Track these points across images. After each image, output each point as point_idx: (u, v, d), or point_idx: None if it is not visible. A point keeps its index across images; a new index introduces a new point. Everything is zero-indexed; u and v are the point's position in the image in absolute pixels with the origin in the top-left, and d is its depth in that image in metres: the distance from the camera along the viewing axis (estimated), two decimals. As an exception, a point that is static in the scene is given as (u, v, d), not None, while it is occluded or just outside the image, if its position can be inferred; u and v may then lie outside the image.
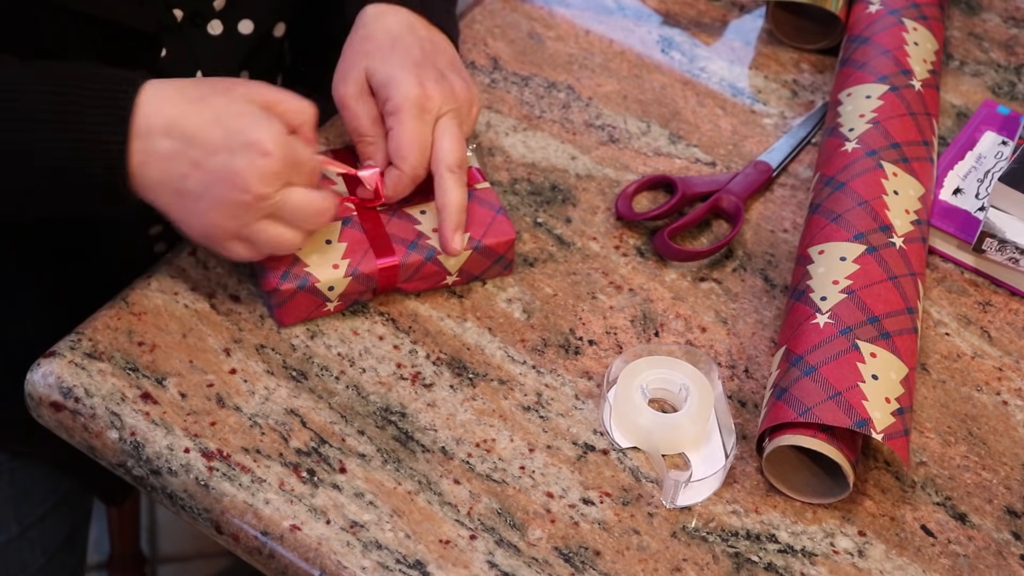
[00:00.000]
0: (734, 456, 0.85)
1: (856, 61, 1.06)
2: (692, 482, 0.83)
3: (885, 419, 0.83)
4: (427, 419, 0.86)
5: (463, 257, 0.90)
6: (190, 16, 0.95)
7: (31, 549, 1.13)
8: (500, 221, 0.92)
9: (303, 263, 0.87)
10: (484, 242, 0.91)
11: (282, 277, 0.87)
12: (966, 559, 0.83)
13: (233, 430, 0.84)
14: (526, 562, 0.80)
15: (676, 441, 0.86)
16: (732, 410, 0.88)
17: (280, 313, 0.89)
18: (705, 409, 0.86)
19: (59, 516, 1.15)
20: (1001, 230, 0.96)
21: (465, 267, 0.91)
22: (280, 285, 0.87)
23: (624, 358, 0.88)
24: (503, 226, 0.92)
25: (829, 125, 1.03)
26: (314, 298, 0.88)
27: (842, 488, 0.83)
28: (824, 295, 0.88)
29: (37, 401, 0.86)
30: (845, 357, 0.84)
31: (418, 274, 0.90)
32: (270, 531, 0.81)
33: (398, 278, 0.90)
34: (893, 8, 1.09)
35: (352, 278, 0.88)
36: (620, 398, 0.86)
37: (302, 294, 0.87)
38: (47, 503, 1.14)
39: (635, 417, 0.86)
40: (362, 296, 0.90)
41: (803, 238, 0.95)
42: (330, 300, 0.89)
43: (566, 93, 1.08)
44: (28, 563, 1.13)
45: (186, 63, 0.97)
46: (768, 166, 1.02)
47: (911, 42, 1.06)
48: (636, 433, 0.86)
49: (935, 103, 1.04)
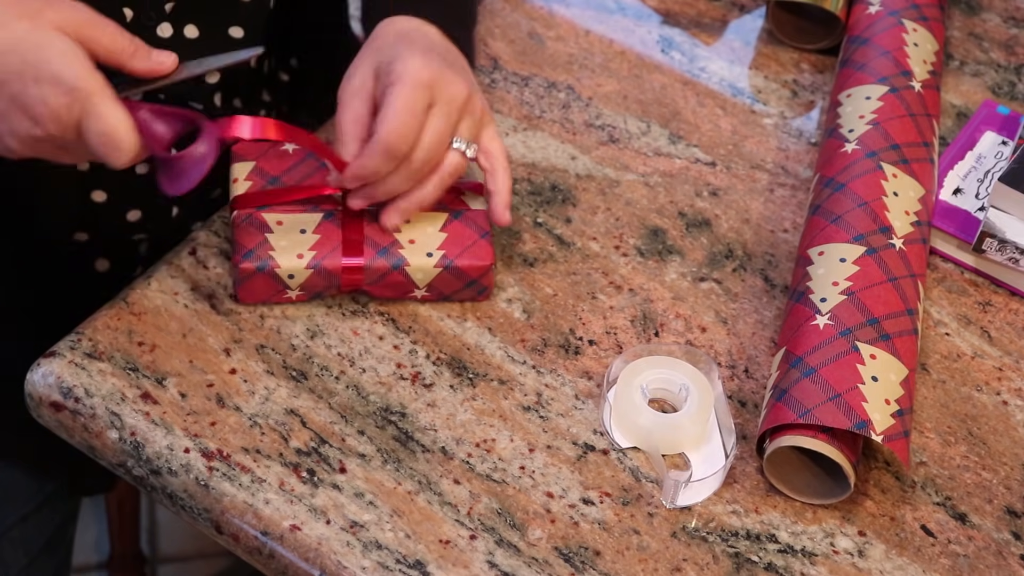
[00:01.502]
0: (734, 456, 0.85)
1: (856, 62, 1.06)
2: (692, 482, 0.83)
3: (885, 421, 0.83)
4: (427, 419, 0.86)
5: (432, 273, 0.90)
6: (139, 17, 0.93)
7: (13, 550, 1.12)
8: (481, 245, 0.90)
9: (270, 246, 0.88)
10: (456, 263, 0.90)
11: (246, 255, 0.87)
12: (966, 559, 0.83)
13: (233, 430, 0.84)
14: (526, 562, 0.80)
15: (676, 441, 0.86)
16: (732, 410, 0.88)
17: (240, 291, 0.89)
18: (705, 409, 0.86)
19: (42, 517, 1.15)
20: (1001, 230, 0.96)
21: (435, 284, 0.90)
22: (241, 263, 0.87)
23: (624, 358, 0.88)
24: (482, 251, 0.90)
25: (829, 126, 1.03)
26: (273, 283, 0.88)
27: (843, 489, 0.83)
28: (824, 296, 0.88)
29: (37, 401, 0.86)
30: (845, 359, 0.84)
31: (383, 280, 0.90)
32: (270, 531, 0.81)
33: (363, 280, 0.90)
34: (893, 9, 1.09)
35: (313, 271, 0.88)
36: (620, 398, 0.86)
37: (261, 276, 0.88)
38: (29, 504, 1.13)
39: (635, 417, 0.86)
40: (327, 291, 0.90)
41: (803, 239, 0.95)
42: (291, 288, 0.89)
43: (566, 93, 1.08)
44: (10, 563, 1.12)
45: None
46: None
47: (911, 43, 1.06)
48: (636, 433, 0.86)
49: (935, 104, 1.04)
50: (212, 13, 0.98)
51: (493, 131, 0.92)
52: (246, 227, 0.89)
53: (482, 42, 1.11)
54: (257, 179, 0.92)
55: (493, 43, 1.11)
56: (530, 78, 1.09)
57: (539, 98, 1.08)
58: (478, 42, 1.11)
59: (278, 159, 0.93)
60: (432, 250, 0.90)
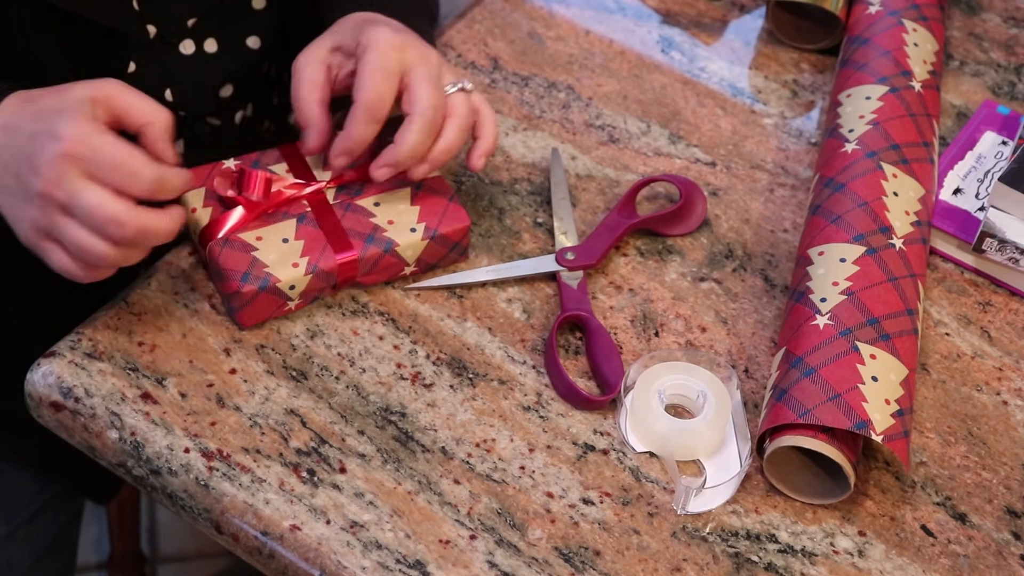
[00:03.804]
0: (748, 464, 0.85)
1: (856, 62, 1.06)
2: (706, 489, 0.83)
3: (885, 420, 0.83)
4: (427, 419, 0.86)
5: (420, 247, 0.91)
6: (162, 34, 0.94)
7: (19, 549, 1.13)
8: (454, 209, 0.92)
9: (262, 263, 0.87)
10: (440, 230, 0.91)
11: (243, 279, 0.86)
12: (966, 559, 0.83)
13: (233, 430, 0.84)
14: (526, 562, 0.80)
15: (691, 447, 0.85)
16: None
17: (242, 316, 0.88)
18: (722, 416, 0.86)
19: (47, 517, 1.15)
20: (1001, 230, 0.96)
21: (423, 256, 0.92)
22: (242, 288, 0.86)
23: (642, 363, 0.88)
24: (457, 214, 0.92)
25: (829, 126, 1.03)
26: (276, 298, 0.88)
27: (843, 489, 0.83)
28: (824, 296, 0.88)
29: (37, 401, 0.86)
30: (845, 359, 0.84)
31: (377, 267, 0.90)
32: (270, 531, 0.81)
33: (357, 272, 0.90)
34: (893, 9, 1.09)
35: (313, 275, 0.88)
36: (637, 402, 0.86)
37: (264, 295, 0.87)
38: (35, 504, 1.13)
39: (651, 422, 0.85)
40: (322, 292, 0.90)
41: (803, 239, 0.95)
42: (291, 299, 0.89)
43: (566, 93, 1.08)
44: (16, 563, 1.12)
45: (157, 80, 0.96)
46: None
47: (911, 43, 1.06)
48: (651, 438, 0.85)
49: (935, 104, 1.04)
50: (229, 24, 0.99)
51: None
52: (228, 252, 0.88)
53: (482, 42, 1.11)
54: (214, 204, 0.90)
55: (493, 43, 1.11)
56: (530, 78, 1.09)
57: (539, 98, 1.08)
58: (478, 42, 1.11)
59: (224, 177, 0.90)
60: (414, 224, 0.91)
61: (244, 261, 0.87)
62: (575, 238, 0.96)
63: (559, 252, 0.94)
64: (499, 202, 0.99)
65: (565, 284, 0.93)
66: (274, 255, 0.88)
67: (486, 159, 0.92)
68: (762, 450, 0.85)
